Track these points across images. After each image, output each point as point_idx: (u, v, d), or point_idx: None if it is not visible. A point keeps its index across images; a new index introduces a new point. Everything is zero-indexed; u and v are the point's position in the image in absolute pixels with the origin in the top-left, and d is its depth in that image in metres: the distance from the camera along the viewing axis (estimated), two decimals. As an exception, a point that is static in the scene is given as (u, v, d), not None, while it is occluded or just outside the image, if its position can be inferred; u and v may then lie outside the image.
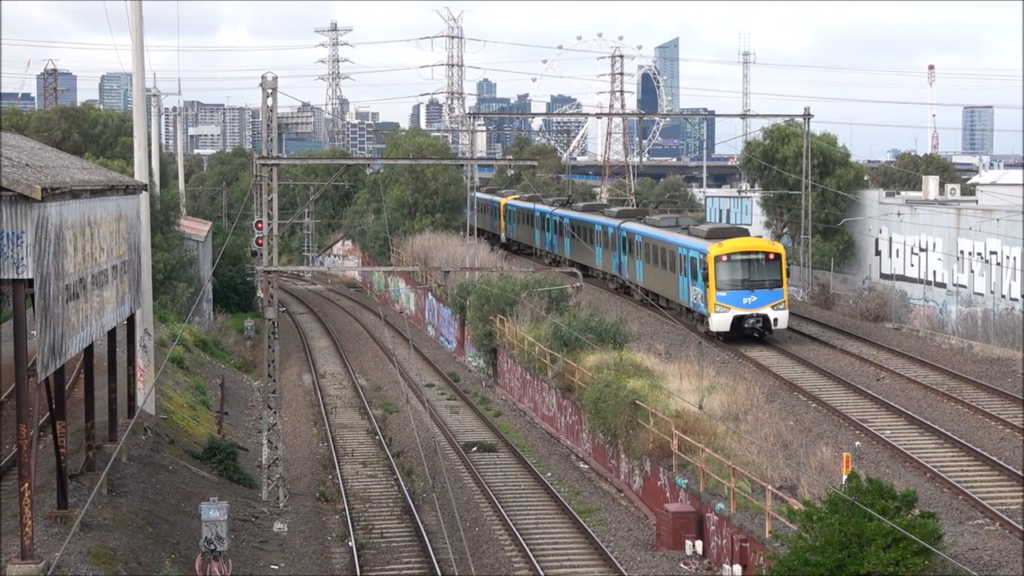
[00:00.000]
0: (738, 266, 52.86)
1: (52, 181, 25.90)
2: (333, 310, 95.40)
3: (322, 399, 58.35)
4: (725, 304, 52.67)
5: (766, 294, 52.79)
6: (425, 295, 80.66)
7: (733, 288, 52.72)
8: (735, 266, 52.82)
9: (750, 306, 52.68)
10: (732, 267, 52.79)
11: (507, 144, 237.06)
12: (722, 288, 52.63)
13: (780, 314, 52.83)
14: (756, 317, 52.62)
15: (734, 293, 52.69)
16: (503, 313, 58.39)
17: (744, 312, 52.61)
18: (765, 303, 52.71)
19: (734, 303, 52.70)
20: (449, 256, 76.32)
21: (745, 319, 52.59)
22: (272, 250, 39.70)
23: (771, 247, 53.93)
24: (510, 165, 48.45)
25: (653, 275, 60.77)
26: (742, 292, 52.71)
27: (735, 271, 52.83)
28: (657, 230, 60.92)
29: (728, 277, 52.69)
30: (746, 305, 52.67)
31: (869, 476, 27.16)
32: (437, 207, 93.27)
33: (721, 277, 52.64)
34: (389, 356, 68.58)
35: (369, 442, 49.79)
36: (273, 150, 39.61)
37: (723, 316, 52.62)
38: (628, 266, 64.99)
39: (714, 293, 52.64)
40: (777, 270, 52.95)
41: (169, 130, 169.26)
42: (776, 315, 52.74)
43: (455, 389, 60.16)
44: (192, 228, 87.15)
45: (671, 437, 36.42)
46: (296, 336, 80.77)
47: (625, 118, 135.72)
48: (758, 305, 52.66)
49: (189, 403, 50.93)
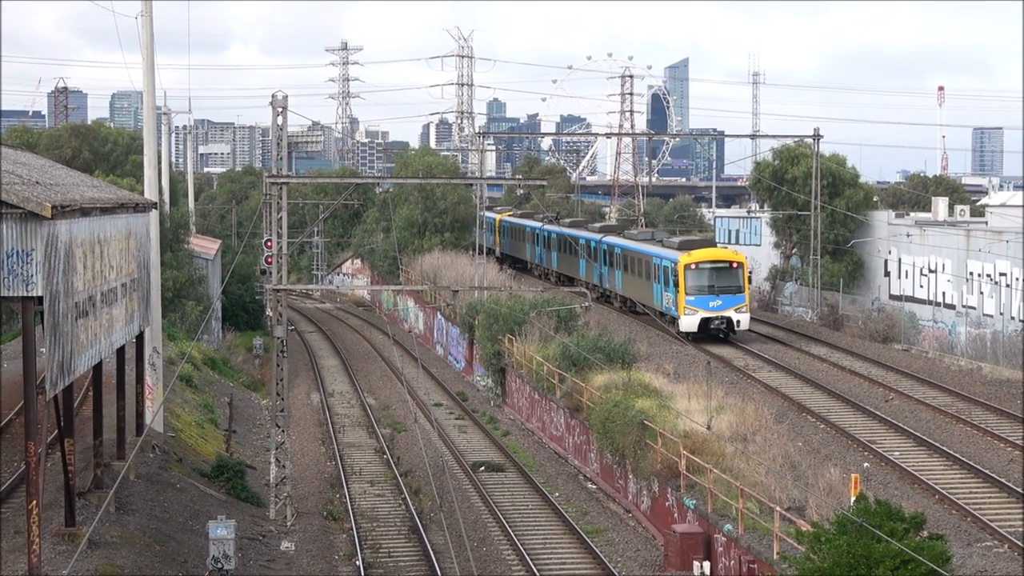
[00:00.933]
0: (705, 274, 59.11)
1: (62, 199, 25.99)
2: (342, 329, 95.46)
3: (330, 418, 58.35)
4: (693, 307, 58.99)
5: (730, 298, 59.09)
6: (434, 314, 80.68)
7: (700, 293, 58.92)
8: (702, 274, 59.09)
9: (715, 309, 58.97)
10: (699, 274, 59.07)
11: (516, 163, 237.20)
12: (690, 293, 58.89)
13: (742, 316, 59.27)
14: (721, 319, 58.91)
15: (701, 298, 58.96)
16: (512, 332, 58.41)
17: (710, 314, 58.89)
18: (729, 306, 59.04)
19: (701, 306, 59.01)
20: (458, 275, 76.36)
21: (711, 320, 58.85)
22: (281, 268, 39.78)
23: (734, 257, 60.22)
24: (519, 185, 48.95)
25: (630, 284, 66.55)
26: (708, 297, 59.00)
27: (702, 278, 59.05)
28: (634, 243, 67.15)
29: (696, 283, 58.92)
30: (712, 308, 58.97)
31: (878, 498, 27.09)
32: (446, 226, 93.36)
33: (690, 283, 58.89)
34: (397, 375, 68.54)
35: (377, 461, 49.76)
36: (283, 169, 39.72)
37: (691, 318, 58.87)
38: (608, 276, 70.68)
39: (683, 298, 59.01)
40: (739, 277, 59.25)
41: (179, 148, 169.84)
42: (738, 317, 59.15)
43: (463, 408, 60.13)
44: (201, 246, 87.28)
45: (679, 457, 36.37)
46: (305, 355, 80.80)
47: (635, 138, 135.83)
48: (723, 308, 59.00)
49: (197, 421, 50.96)
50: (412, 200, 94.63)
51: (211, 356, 69.25)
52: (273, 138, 39.65)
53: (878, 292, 70.11)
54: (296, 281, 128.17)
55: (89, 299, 27.91)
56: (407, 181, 77.50)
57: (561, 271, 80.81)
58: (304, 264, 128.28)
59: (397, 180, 65.57)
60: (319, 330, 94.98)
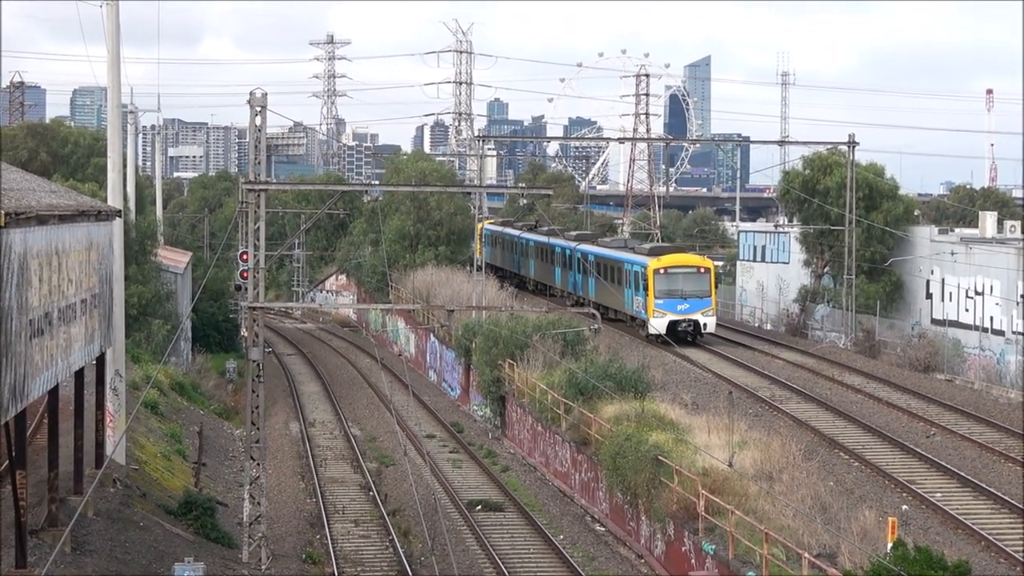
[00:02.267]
0: (673, 278, 65.81)
1: (16, 205, 26.00)
2: (324, 351, 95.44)
3: (311, 450, 58.30)
4: (662, 311, 65.88)
5: (697, 302, 66.03)
6: (427, 336, 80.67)
7: (669, 297, 65.82)
8: (671, 278, 65.79)
9: (683, 312, 65.99)
10: (668, 279, 65.76)
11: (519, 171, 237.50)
12: (659, 297, 65.77)
13: (709, 319, 66.36)
14: (688, 322, 66.10)
15: (670, 301, 65.85)
16: (513, 357, 58.42)
17: (678, 317, 65.95)
18: (696, 310, 66.02)
19: (670, 310, 65.96)
20: (453, 293, 76.37)
21: (679, 323, 65.98)
22: (258, 284, 39.78)
23: (702, 262, 67.64)
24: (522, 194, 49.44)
25: (603, 290, 72.81)
26: (677, 300, 65.87)
27: (671, 282, 65.78)
28: (607, 250, 74.13)
29: (665, 287, 65.73)
30: (680, 312, 65.97)
31: (917, 544, 27.05)
32: (441, 239, 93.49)
33: (659, 287, 65.67)
34: (386, 403, 68.51)
35: (362, 498, 49.69)
36: (261, 174, 39.76)
37: (660, 321, 65.58)
38: (583, 284, 76.79)
39: (653, 301, 65.82)
40: (707, 282, 66.30)
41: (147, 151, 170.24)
42: (705, 320, 66.24)
43: (458, 441, 60.07)
44: (170, 259, 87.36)
45: (698, 497, 36.31)
46: (283, 380, 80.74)
47: (650, 143, 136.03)
48: (690, 312, 66.07)
49: (163, 452, 50.92)
50: (404, 210, 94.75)
51: (179, 380, 69.25)
52: (250, 140, 39.71)
53: (919, 316, 70.12)
54: (274, 298, 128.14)
55: (45, 316, 27.91)
56: (398, 189, 77.65)
57: (538, 279, 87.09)
58: (283, 280, 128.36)
59: (387, 188, 65.76)
60: (299, 352, 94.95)
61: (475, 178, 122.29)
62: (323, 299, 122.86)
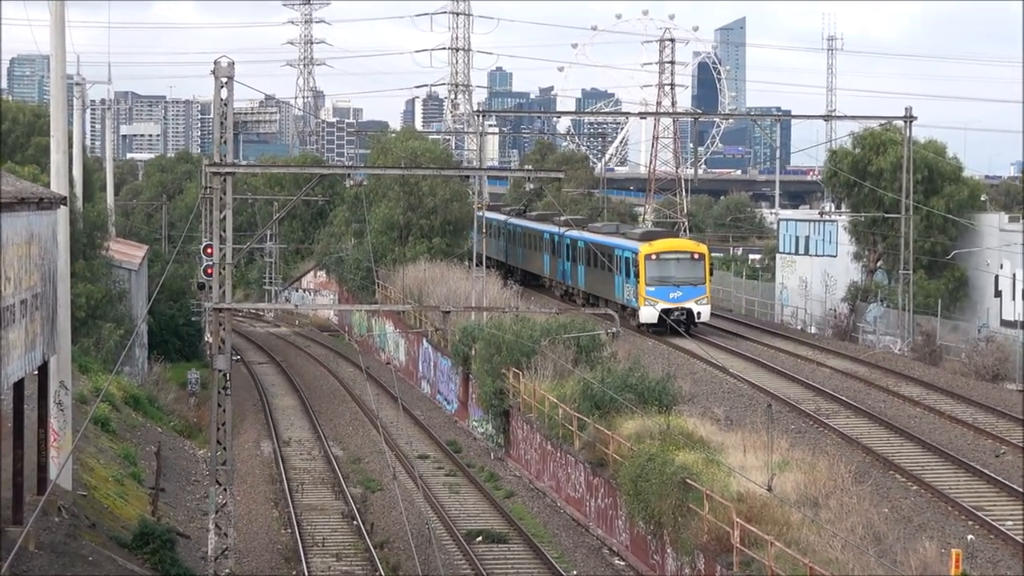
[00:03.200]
0: (665, 264, 70.52)
1: (-54, 191, 26.02)
2: (301, 360, 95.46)
3: (285, 473, 58.34)
4: (653, 298, 70.33)
5: (691, 290, 70.56)
6: (419, 342, 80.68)
7: (661, 284, 70.35)
8: (663, 264, 70.48)
9: (676, 300, 70.41)
10: (660, 265, 70.43)
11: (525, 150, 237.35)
12: (651, 284, 70.27)
13: (703, 308, 70.99)
14: (681, 311, 70.32)
15: (662, 289, 70.37)
16: (518, 366, 58.42)
17: (670, 306, 70.18)
18: (689, 298, 70.49)
19: (661, 297, 70.38)
20: (450, 292, 76.36)
21: (671, 312, 69.90)
22: (224, 282, 39.78)
23: (696, 248, 72.17)
24: (529, 177, 49.39)
25: (593, 277, 78.09)
26: (669, 288, 70.35)
27: (663, 269, 70.44)
28: (597, 235, 78.97)
29: (656, 274, 70.32)
30: (672, 300, 70.40)
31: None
32: (435, 230, 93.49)
33: (650, 274, 70.24)
34: (372, 419, 68.52)
35: (345, 529, 49.72)
36: (228, 155, 39.74)
37: (651, 310, 69.96)
38: (571, 271, 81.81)
39: (644, 288, 70.35)
40: (701, 269, 70.87)
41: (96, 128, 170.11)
42: (699, 309, 70.83)
43: (455, 462, 60.10)
44: (123, 253, 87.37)
45: (732, 527, 36.31)
46: (254, 392, 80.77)
47: (676, 119, 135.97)
48: (683, 300, 70.46)
49: (116, 476, 50.93)
50: (392, 196, 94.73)
51: (134, 393, 69.28)
52: (215, 116, 39.70)
53: (986, 317, 70.07)
54: (243, 298, 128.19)
55: (-21, 319, 27.92)
56: (386, 172, 77.53)
57: (525, 268, 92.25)
58: (254, 277, 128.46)
59: (373, 170, 65.73)
60: (272, 361, 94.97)
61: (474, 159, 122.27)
62: (299, 299, 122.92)
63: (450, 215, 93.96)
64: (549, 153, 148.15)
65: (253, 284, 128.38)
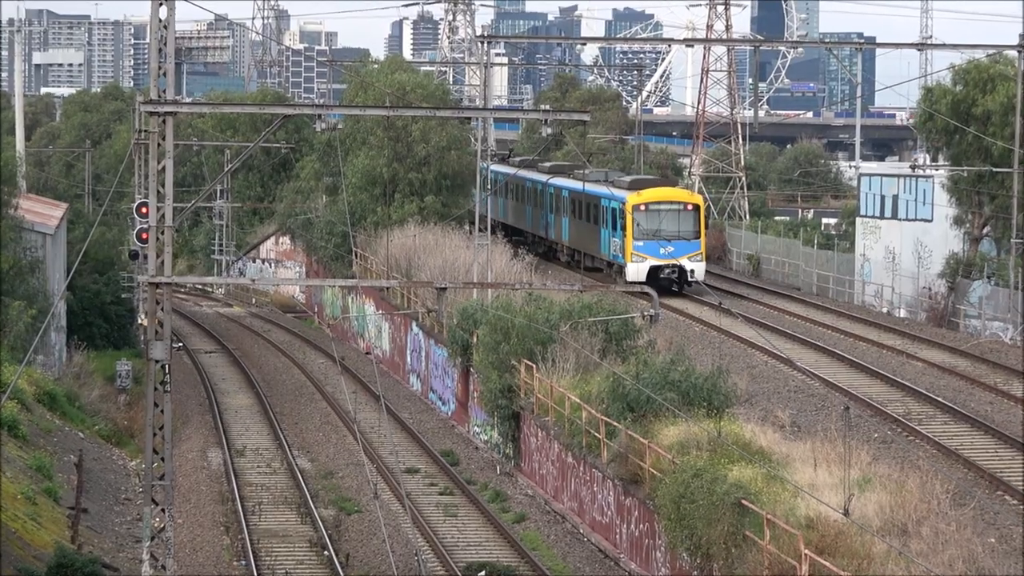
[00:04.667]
0: (656, 216, 77.55)
1: None
2: (259, 348, 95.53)
3: (239, 490, 58.39)
4: (642, 254, 77.63)
5: (683, 245, 77.67)
6: (407, 326, 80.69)
7: (650, 238, 77.19)
8: (653, 216, 77.64)
9: (667, 256, 77.28)
10: (650, 216, 77.67)
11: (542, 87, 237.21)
12: (639, 238, 77.40)
13: (696, 265, 78.45)
14: (672, 267, 77.98)
15: (651, 243, 77.25)
16: (532, 357, 58.39)
17: (661, 262, 77.60)
18: (682, 254, 77.55)
19: (651, 253, 77.54)
20: (446, 264, 76.33)
21: (661, 269, 77.73)
22: (163, 250, 39.78)
23: (690, 197, 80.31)
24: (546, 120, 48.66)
25: (577, 231, 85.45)
26: (659, 242, 76.88)
27: (653, 221, 77.61)
28: (583, 183, 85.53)
29: (646, 227, 77.55)
30: (663, 255, 77.28)
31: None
32: (428, 186, 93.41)
33: (639, 227, 77.57)
34: (348, 423, 68.56)
35: (313, 560, 49.81)
36: (168, 90, 39.72)
37: (639, 266, 77.59)
38: (555, 225, 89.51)
39: (631, 243, 77.48)
40: (695, 221, 78.77)
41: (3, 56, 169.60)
42: (693, 266, 78.16)
43: (452, 477, 60.14)
44: (36, 213, 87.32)
45: (799, 560, 36.31)
46: (199, 388, 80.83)
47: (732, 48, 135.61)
48: (675, 256, 77.35)
49: (26, 493, 50.97)
50: (374, 143, 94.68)
51: (49, 389, 69.31)
52: (152, 41, 39.64)
53: (1121, 298, 69.86)
54: (187, 271, 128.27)
55: None
56: (366, 112, 77.21)
57: (510, 223, 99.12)
58: (200, 244, 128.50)
59: (350, 110, 65.44)
60: (223, 349, 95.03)
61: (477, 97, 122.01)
62: (257, 272, 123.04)
63: (447, 167, 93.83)
64: (571, 90, 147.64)
65: (199, 253, 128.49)
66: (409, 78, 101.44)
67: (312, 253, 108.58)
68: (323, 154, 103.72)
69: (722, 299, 68.96)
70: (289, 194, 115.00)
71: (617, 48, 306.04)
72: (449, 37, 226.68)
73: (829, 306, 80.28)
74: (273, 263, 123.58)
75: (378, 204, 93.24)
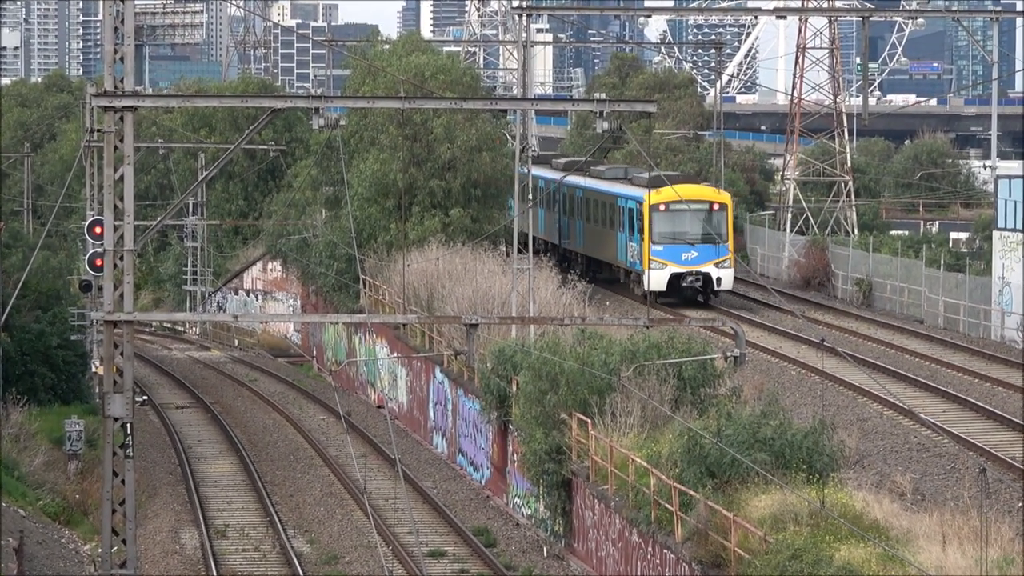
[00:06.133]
0: (677, 217, 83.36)
1: None
2: (243, 401, 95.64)
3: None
4: (661, 260, 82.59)
5: (709, 250, 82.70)
6: (429, 373, 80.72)
7: (672, 242, 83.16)
8: (674, 217, 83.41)
9: (690, 263, 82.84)
10: (671, 218, 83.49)
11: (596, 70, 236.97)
12: (659, 242, 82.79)
13: (724, 273, 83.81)
14: (696, 275, 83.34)
15: (672, 248, 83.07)
16: (585, 410, 58.34)
17: (683, 269, 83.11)
18: (707, 260, 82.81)
19: (672, 259, 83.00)
20: (477, 294, 76.31)
21: (683, 277, 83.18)
22: (123, 280, 39.94)
23: (716, 196, 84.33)
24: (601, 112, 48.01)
25: (592, 236, 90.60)
26: (681, 247, 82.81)
27: (674, 223, 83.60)
28: (597, 181, 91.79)
29: (666, 229, 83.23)
30: (685, 261, 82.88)
31: None
32: (454, 196, 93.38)
33: (658, 229, 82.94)
34: (355, 494, 68.56)
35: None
36: (126, 79, 39.87)
37: (659, 273, 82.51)
38: (568, 229, 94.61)
39: (649, 247, 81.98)
40: (722, 223, 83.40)
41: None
42: (719, 274, 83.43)
43: (488, 562, 60.15)
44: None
45: (924, 662, 36.28)
46: (170, 452, 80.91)
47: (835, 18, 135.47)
48: (699, 262, 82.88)
49: (-46, 586, 51.14)
50: (386, 143, 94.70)
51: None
52: (106, 18, 39.83)
53: None
54: (153, 305, 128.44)
55: None
56: (375, 105, 77.40)
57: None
58: (169, 272, 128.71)
59: (355, 102, 65.37)
60: (198, 403, 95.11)
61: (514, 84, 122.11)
62: (240, 306, 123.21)
63: (477, 172, 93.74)
64: (633, 74, 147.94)
65: (167, 283, 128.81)
66: (429, 61, 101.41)
67: (309, 282, 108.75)
68: (322, 158, 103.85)
69: (824, 335, 68.56)
70: (279, 208, 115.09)
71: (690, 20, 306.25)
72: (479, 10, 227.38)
73: (959, 343, 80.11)
74: (260, 295, 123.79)
75: (391, 220, 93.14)
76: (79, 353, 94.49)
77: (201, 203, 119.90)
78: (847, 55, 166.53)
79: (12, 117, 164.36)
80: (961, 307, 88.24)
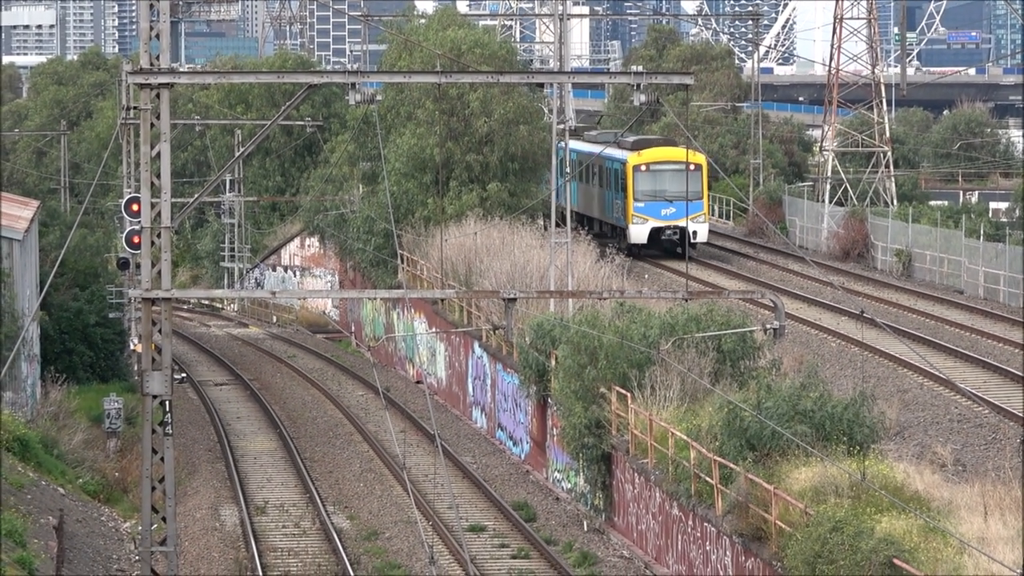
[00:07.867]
0: (658, 176, 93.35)
1: None
2: (282, 377, 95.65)
3: (259, 557, 58.52)
4: (643, 215, 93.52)
5: (686, 206, 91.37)
6: (468, 348, 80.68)
7: (652, 199, 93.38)
8: (654, 176, 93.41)
9: (668, 217, 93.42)
10: (651, 177, 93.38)
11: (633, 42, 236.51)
12: (640, 199, 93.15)
13: (700, 227, 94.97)
14: (674, 229, 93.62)
15: (653, 204, 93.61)
16: (625, 384, 58.28)
17: (662, 224, 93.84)
18: (684, 215, 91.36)
19: (652, 214, 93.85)
20: (515, 269, 76.22)
21: (663, 231, 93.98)
22: (161, 257, 39.95)
23: (693, 157, 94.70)
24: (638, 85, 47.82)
25: (585, 197, 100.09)
26: (660, 203, 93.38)
27: (654, 181, 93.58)
28: (588, 144, 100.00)
29: (647, 188, 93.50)
30: (664, 217, 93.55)
31: None
32: (491, 170, 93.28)
33: (640, 187, 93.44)
34: (395, 470, 68.55)
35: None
36: (163, 56, 39.87)
37: (640, 228, 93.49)
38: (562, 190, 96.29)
39: (632, 204, 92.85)
40: (698, 181, 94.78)
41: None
42: (695, 228, 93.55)
43: (528, 536, 60.14)
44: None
45: (967, 633, 36.17)
46: (209, 430, 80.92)
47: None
48: (677, 217, 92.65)
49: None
50: (422, 117, 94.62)
51: (20, 434, 69.52)
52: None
53: None
54: (191, 283, 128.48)
55: None
56: (412, 80, 77.17)
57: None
58: (206, 249, 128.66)
59: (392, 77, 65.16)
60: (237, 380, 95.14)
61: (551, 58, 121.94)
62: (278, 282, 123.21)
63: (514, 146, 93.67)
64: (670, 46, 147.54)
65: (205, 260, 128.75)
66: (465, 35, 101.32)
67: (347, 258, 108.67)
68: (358, 133, 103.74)
69: (863, 306, 68.37)
70: (317, 184, 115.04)
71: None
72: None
73: (1000, 312, 79.87)
74: (298, 271, 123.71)
75: (429, 195, 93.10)
76: (117, 331, 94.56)
77: (238, 180, 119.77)
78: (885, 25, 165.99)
79: (48, 96, 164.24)
80: (1001, 277, 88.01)
